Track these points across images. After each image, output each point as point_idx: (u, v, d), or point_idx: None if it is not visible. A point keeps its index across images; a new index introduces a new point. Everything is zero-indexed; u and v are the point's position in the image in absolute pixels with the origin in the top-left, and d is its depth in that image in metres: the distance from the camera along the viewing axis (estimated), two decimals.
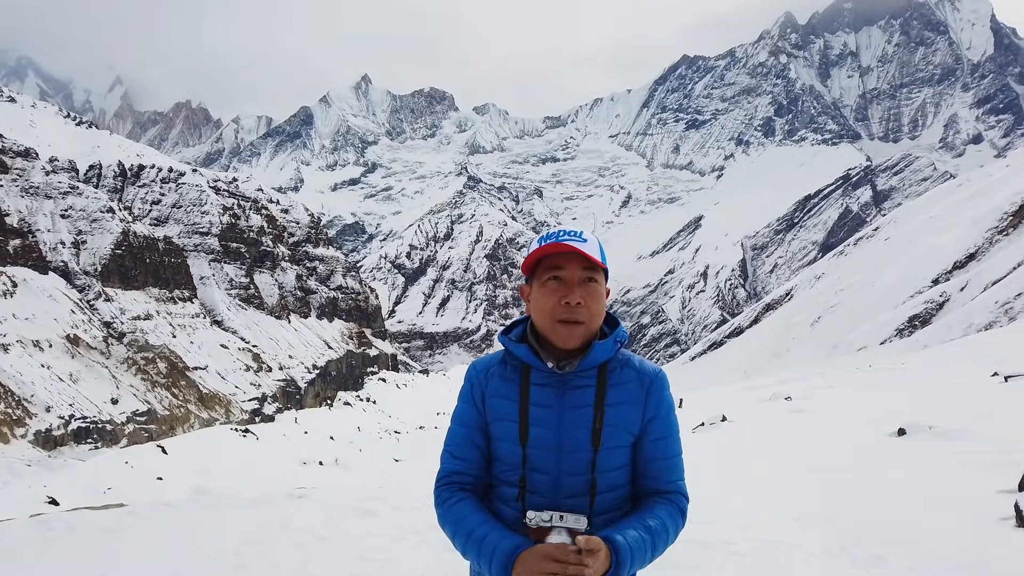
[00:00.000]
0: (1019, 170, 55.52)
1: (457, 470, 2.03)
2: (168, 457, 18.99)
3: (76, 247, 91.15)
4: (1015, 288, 35.19)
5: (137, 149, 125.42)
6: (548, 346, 1.97)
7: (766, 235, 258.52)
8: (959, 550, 4.88)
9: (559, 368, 1.95)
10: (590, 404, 1.93)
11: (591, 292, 1.91)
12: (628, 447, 1.98)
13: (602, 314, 1.97)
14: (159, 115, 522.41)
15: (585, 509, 1.90)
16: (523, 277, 2.04)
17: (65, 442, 66.44)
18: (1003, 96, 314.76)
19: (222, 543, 6.19)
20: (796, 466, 8.56)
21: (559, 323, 1.91)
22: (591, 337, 1.95)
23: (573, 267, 1.91)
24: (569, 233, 1.91)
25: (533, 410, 1.93)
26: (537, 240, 1.95)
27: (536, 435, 1.92)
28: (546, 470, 1.92)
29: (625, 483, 2.00)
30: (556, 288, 1.91)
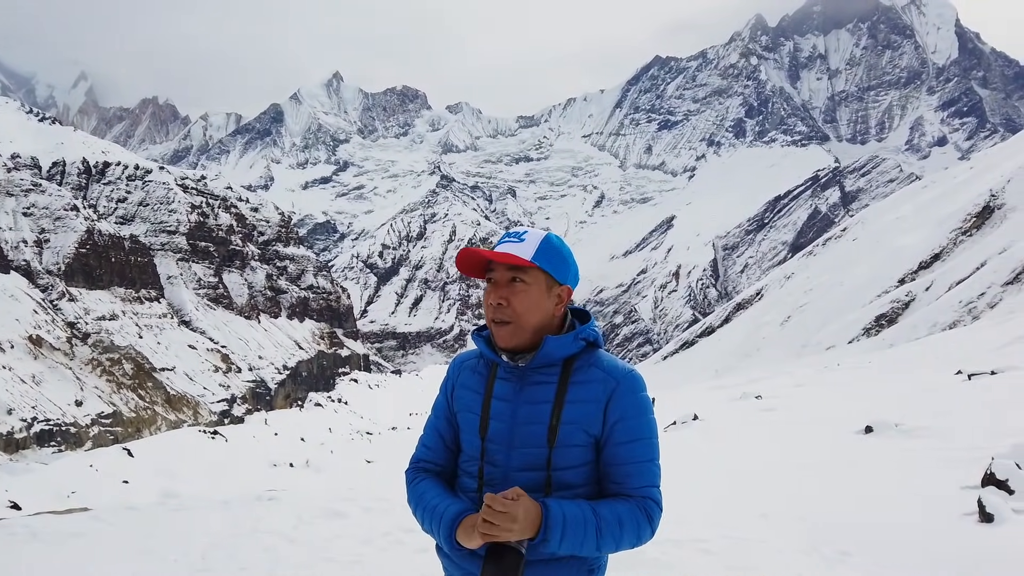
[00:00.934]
0: (982, 172, 56.75)
1: (422, 457, 2.11)
2: (134, 460, 18.66)
3: (39, 246, 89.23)
4: (978, 288, 35.98)
5: (102, 146, 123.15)
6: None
7: (737, 235, 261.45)
8: (924, 546, 4.95)
9: (513, 362, 1.98)
10: (549, 400, 1.93)
11: (515, 291, 1.94)
12: (585, 447, 1.94)
13: (535, 312, 1.96)
14: (125, 111, 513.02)
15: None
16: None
17: (27, 445, 65.02)
18: (967, 99, 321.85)
19: (189, 547, 6.09)
20: (766, 464, 8.65)
21: (492, 323, 1.97)
22: (529, 335, 1.96)
23: (501, 269, 1.96)
24: (511, 234, 1.97)
25: (494, 403, 1.97)
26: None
27: (493, 428, 1.96)
28: (498, 464, 1.94)
29: (582, 484, 1.95)
30: (490, 291, 1.98)
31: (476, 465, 1.98)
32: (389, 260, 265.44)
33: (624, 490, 1.94)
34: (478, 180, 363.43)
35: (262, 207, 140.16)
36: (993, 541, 4.85)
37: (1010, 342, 18.12)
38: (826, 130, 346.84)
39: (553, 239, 1.99)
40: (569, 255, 2.01)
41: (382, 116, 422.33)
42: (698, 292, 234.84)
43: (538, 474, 1.91)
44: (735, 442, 10.94)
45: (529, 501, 1.78)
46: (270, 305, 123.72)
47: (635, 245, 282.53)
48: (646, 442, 1.97)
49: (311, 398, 63.54)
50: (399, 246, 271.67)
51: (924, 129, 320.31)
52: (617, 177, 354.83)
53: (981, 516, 5.28)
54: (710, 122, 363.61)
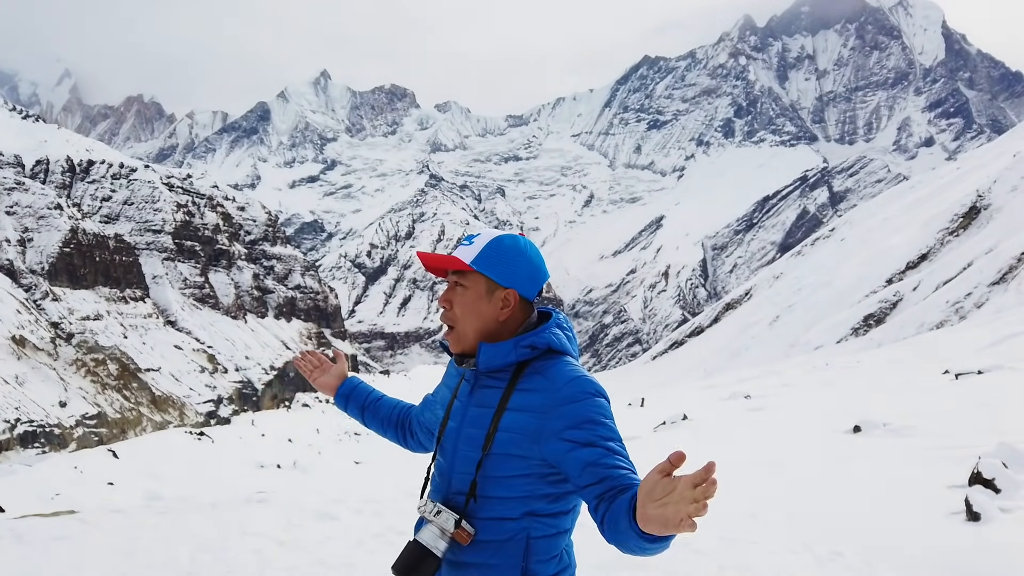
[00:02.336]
0: (969, 173, 57.26)
1: (416, 413, 2.35)
2: (119, 461, 18.50)
3: (22, 245, 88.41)
4: (965, 288, 36.29)
5: (86, 144, 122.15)
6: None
7: (726, 235, 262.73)
8: (913, 545, 4.98)
9: (463, 366, 2.01)
10: (492, 406, 1.91)
11: (455, 296, 1.96)
12: (523, 459, 1.84)
13: (474, 316, 1.94)
14: (109, 109, 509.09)
15: (459, 506, 1.90)
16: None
17: (11, 447, 64.43)
18: (954, 100, 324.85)
19: (176, 550, 6.03)
20: (755, 463, 8.67)
21: (447, 327, 2.04)
22: (472, 340, 1.96)
23: (449, 273, 2.01)
24: (466, 238, 2.00)
25: (455, 403, 2.02)
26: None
27: (448, 426, 2.01)
28: (446, 458, 1.98)
29: (508, 497, 1.85)
30: (443, 294, 2.03)
31: (432, 453, 2.12)
32: (377, 260, 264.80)
33: (605, 489, 1.75)
34: (467, 179, 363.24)
35: (249, 206, 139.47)
36: (980, 540, 4.88)
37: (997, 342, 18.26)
38: (814, 130, 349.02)
39: (505, 240, 1.94)
40: (519, 257, 1.93)
41: (370, 115, 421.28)
42: (687, 292, 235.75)
43: (469, 477, 1.90)
44: (724, 442, 10.97)
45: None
46: (257, 305, 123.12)
47: (624, 245, 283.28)
48: (611, 444, 1.80)
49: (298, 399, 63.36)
50: (387, 245, 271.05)
51: (911, 130, 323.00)
52: (606, 177, 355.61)
53: (968, 515, 5.31)
54: (699, 122, 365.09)
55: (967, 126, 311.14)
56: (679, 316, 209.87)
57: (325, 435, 32.16)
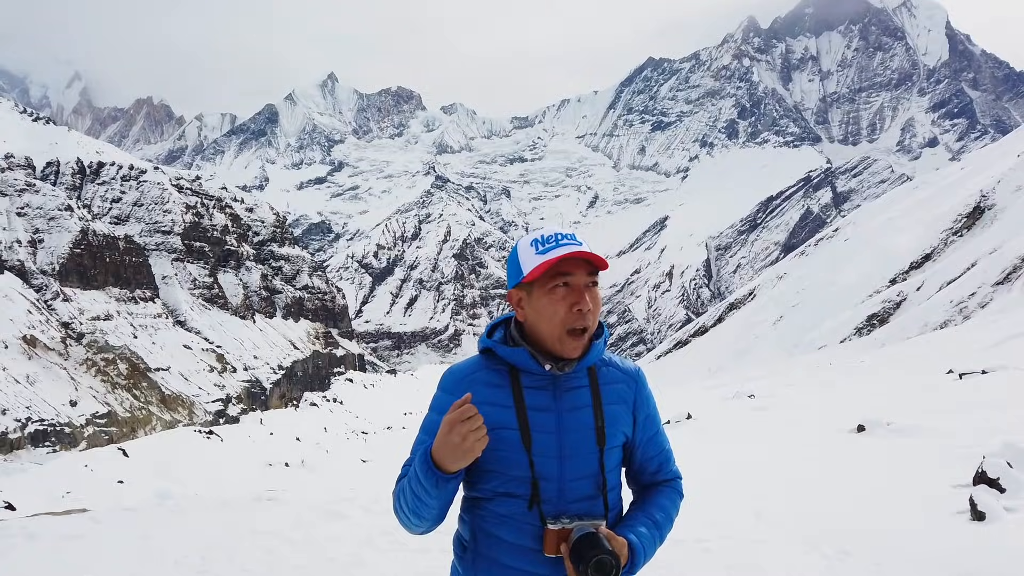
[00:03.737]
0: (973, 173, 57.02)
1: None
2: (129, 460, 18.59)
3: (33, 246, 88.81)
4: (969, 288, 36.17)
5: (96, 146, 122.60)
6: (543, 349, 1.92)
7: (730, 235, 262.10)
8: (919, 545, 5.01)
9: (559, 370, 1.90)
10: (588, 405, 1.91)
11: (595, 297, 1.90)
12: (619, 448, 1.98)
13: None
14: (119, 111, 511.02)
15: (594, 512, 1.89)
16: (511, 281, 1.96)
17: (22, 445, 64.75)
18: (957, 101, 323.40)
19: (188, 548, 6.10)
20: (759, 463, 8.71)
21: (569, 333, 1.87)
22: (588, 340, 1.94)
23: (580, 272, 1.87)
24: (567, 236, 1.88)
25: (532, 415, 1.87)
26: (532, 244, 1.89)
27: (539, 441, 1.87)
28: (550, 476, 1.86)
29: (619, 483, 2.00)
30: (565, 295, 1.87)
31: (523, 484, 1.86)
32: (384, 260, 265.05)
33: (660, 478, 2.06)
34: (473, 180, 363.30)
35: (257, 207, 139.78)
36: (985, 540, 4.90)
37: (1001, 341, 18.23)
38: (818, 131, 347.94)
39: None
40: None
41: (377, 117, 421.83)
42: (691, 292, 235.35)
43: (591, 480, 1.90)
44: (729, 441, 11.01)
45: (621, 540, 1.81)
46: (265, 305, 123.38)
47: (629, 245, 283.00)
48: (663, 431, 2.09)
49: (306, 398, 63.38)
50: (394, 246, 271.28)
51: (915, 130, 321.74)
52: (611, 178, 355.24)
53: (973, 515, 5.34)
54: (703, 123, 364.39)
55: (971, 126, 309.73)
56: (683, 316, 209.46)
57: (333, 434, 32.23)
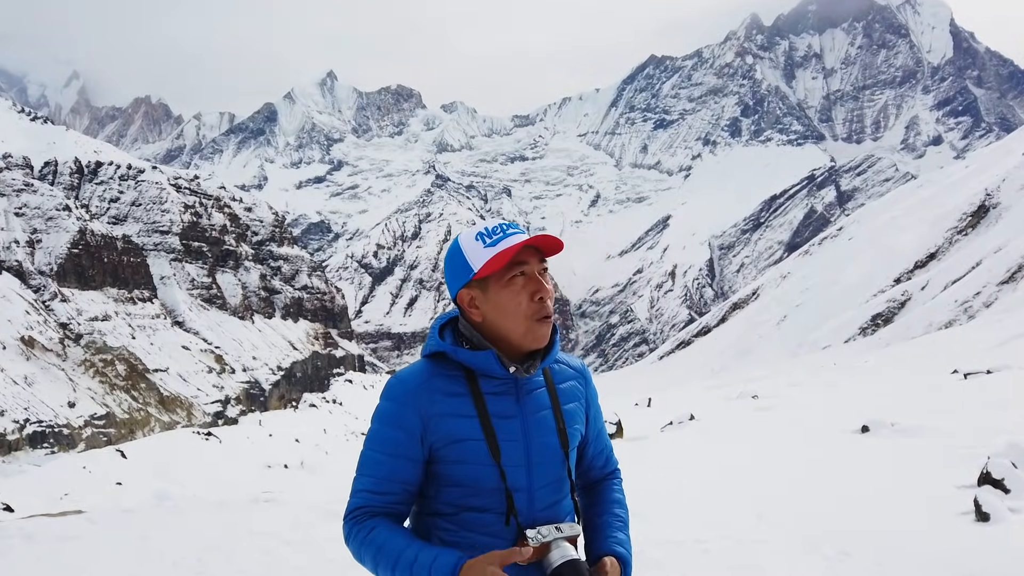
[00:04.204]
0: (977, 172, 56.98)
1: (376, 505, 1.76)
2: (127, 461, 18.57)
3: (31, 246, 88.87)
4: (974, 287, 36.14)
5: (95, 145, 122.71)
6: (505, 349, 1.80)
7: (733, 235, 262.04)
8: (923, 545, 4.96)
9: (524, 372, 1.80)
10: (549, 407, 1.82)
11: (548, 283, 1.82)
12: (576, 447, 1.91)
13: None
14: (117, 111, 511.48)
15: (562, 516, 1.83)
16: (458, 281, 1.80)
17: (20, 447, 64.78)
18: (962, 99, 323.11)
19: (185, 549, 6.05)
20: (763, 464, 8.65)
21: (535, 322, 1.78)
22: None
23: (533, 260, 1.79)
24: (512, 225, 1.80)
25: (497, 423, 1.75)
26: (476, 238, 1.77)
27: (507, 450, 1.75)
28: (520, 487, 1.76)
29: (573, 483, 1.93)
30: (525, 284, 1.77)
31: (496, 497, 1.75)
32: (384, 260, 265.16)
33: (607, 471, 2.02)
34: (473, 179, 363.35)
35: (256, 207, 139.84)
36: (990, 541, 4.86)
37: (1006, 341, 18.18)
38: (822, 129, 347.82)
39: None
40: None
41: (376, 115, 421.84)
42: (694, 292, 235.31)
43: (558, 484, 1.82)
44: (732, 442, 10.95)
45: (614, 565, 1.77)
46: (264, 305, 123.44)
47: (631, 245, 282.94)
48: (604, 424, 2.04)
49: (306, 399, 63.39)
50: (394, 246, 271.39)
51: (919, 128, 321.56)
52: (613, 176, 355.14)
53: (977, 515, 5.28)
54: (706, 121, 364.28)
55: (975, 124, 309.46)
56: (686, 316, 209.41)
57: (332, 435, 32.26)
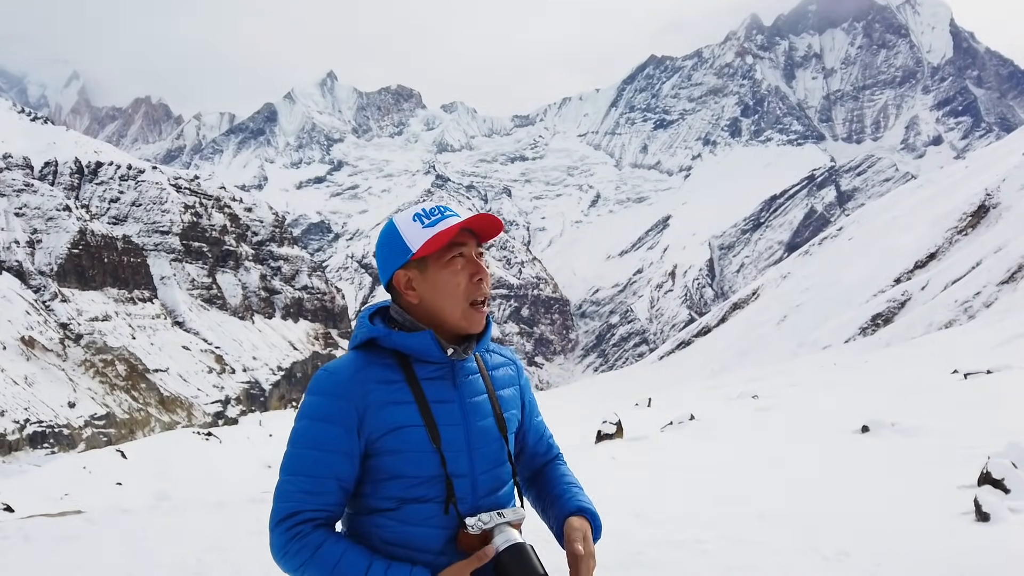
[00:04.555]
0: (977, 171, 56.98)
1: (313, 507, 1.64)
2: (127, 462, 18.57)
3: (31, 246, 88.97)
4: (974, 287, 36.13)
5: (95, 146, 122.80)
6: (442, 331, 1.77)
7: (733, 235, 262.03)
8: (922, 546, 4.95)
9: (462, 355, 1.76)
10: (484, 392, 1.79)
11: (486, 267, 1.79)
12: (514, 432, 1.89)
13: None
14: (118, 111, 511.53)
15: (505, 503, 1.79)
16: (394, 262, 1.76)
17: (20, 447, 64.86)
18: (962, 99, 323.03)
19: (184, 550, 6.05)
20: (762, 464, 8.65)
21: (472, 305, 1.74)
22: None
23: (471, 242, 1.76)
24: (448, 208, 1.77)
25: (436, 409, 1.70)
26: (415, 218, 1.74)
27: (447, 436, 1.70)
28: (462, 472, 1.71)
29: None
30: (464, 265, 1.74)
31: (437, 486, 1.68)
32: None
33: (550, 457, 2.00)
34: (473, 179, 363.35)
35: (256, 207, 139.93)
36: (990, 541, 4.85)
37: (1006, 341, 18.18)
38: (822, 129, 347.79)
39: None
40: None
41: (376, 115, 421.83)
42: (694, 292, 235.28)
43: (500, 470, 1.78)
44: (731, 442, 10.94)
45: (582, 521, 1.78)
46: (264, 306, 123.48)
47: (631, 245, 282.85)
48: (540, 414, 2.06)
49: None
50: None
51: (919, 128, 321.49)
52: (613, 176, 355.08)
53: (978, 515, 5.28)
54: (706, 121, 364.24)
55: (976, 124, 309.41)
56: (686, 316, 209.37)
57: None
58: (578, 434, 14.88)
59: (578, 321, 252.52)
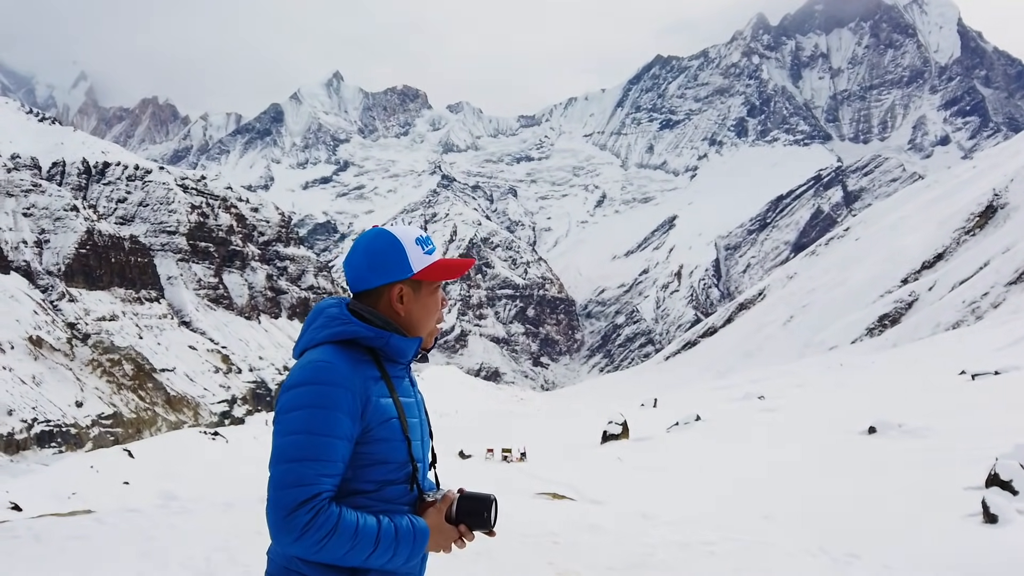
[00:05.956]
0: (985, 172, 56.70)
1: (330, 488, 1.82)
2: (135, 461, 18.62)
3: (39, 246, 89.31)
4: (981, 288, 35.96)
5: (102, 146, 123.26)
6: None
7: (739, 235, 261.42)
8: (930, 547, 4.93)
9: (423, 359, 2.08)
10: (419, 390, 2.13)
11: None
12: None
13: None
14: (125, 111, 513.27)
15: (433, 485, 2.10)
16: (392, 272, 2.00)
17: (28, 446, 65.10)
18: (970, 98, 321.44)
19: (192, 550, 6.06)
20: (769, 464, 8.63)
21: (436, 328, 2.10)
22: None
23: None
24: (428, 240, 2.05)
25: (404, 403, 2.00)
26: (417, 242, 2.01)
27: (412, 427, 2.00)
28: (421, 458, 2.03)
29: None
30: (441, 298, 2.08)
31: (405, 469, 1.97)
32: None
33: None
34: (479, 180, 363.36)
35: (262, 207, 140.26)
36: (998, 542, 4.83)
37: (1014, 342, 18.09)
38: (828, 129, 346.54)
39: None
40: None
41: (382, 116, 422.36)
42: (700, 292, 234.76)
43: (429, 457, 2.13)
44: (738, 443, 10.92)
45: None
46: (270, 306, 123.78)
47: (637, 245, 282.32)
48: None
49: None
50: None
51: (927, 128, 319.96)
52: (619, 177, 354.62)
53: (985, 517, 5.26)
54: (712, 121, 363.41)
55: (983, 124, 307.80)
56: (692, 316, 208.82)
57: None
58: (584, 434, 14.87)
59: (584, 321, 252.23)
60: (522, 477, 10.29)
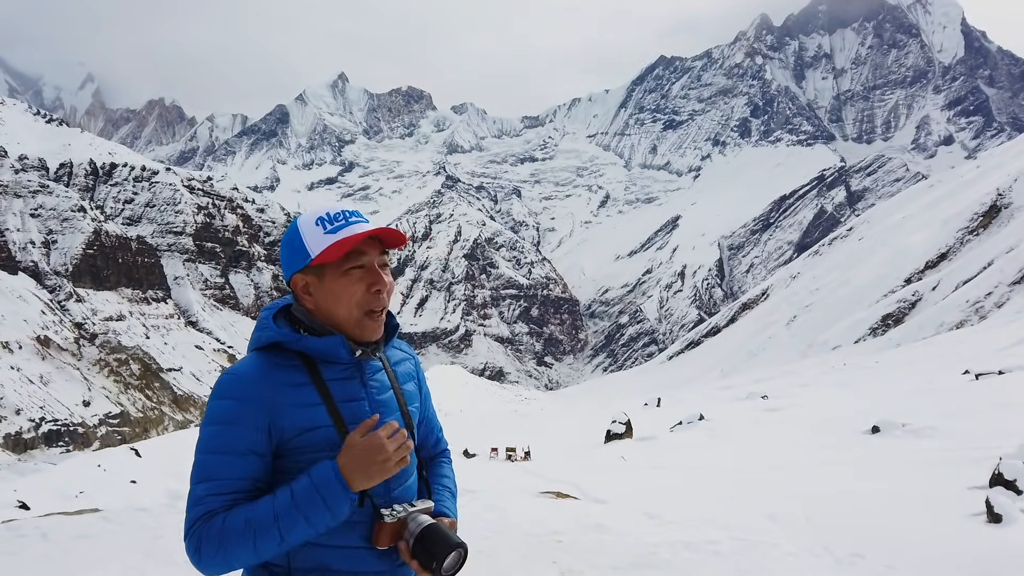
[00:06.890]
0: (989, 171, 56.57)
1: (218, 507, 1.63)
2: (142, 460, 18.69)
3: (46, 247, 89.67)
4: (985, 287, 35.89)
5: (109, 147, 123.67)
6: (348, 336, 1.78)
7: (742, 235, 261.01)
8: (934, 547, 4.95)
9: (371, 355, 1.79)
10: (390, 388, 1.83)
11: (389, 277, 1.79)
12: (419, 423, 1.95)
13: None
14: (132, 113, 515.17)
15: (413, 494, 1.83)
16: (293, 265, 1.79)
17: (35, 445, 65.37)
18: (973, 98, 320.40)
19: None
20: (772, 464, 8.64)
21: (367, 315, 1.75)
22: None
23: (374, 251, 1.76)
24: (355, 213, 1.77)
25: (344, 407, 1.72)
26: (317, 222, 1.75)
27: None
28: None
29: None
30: (362, 276, 1.74)
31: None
32: (394, 260, 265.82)
33: (439, 450, 2.03)
34: (483, 180, 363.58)
35: (268, 208, 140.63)
36: (1002, 542, 4.84)
37: (1018, 342, 18.06)
38: (832, 129, 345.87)
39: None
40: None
41: (387, 117, 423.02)
42: (703, 292, 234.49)
43: (411, 464, 1.83)
44: (741, 442, 10.94)
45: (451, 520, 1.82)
46: None
47: (640, 245, 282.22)
48: (434, 407, 2.08)
49: None
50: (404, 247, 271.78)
51: (930, 128, 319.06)
52: (622, 177, 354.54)
53: (989, 516, 5.27)
54: (715, 122, 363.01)
55: (987, 124, 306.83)
56: (695, 316, 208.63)
57: None
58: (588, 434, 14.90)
59: (587, 321, 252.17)
60: (526, 476, 10.33)
